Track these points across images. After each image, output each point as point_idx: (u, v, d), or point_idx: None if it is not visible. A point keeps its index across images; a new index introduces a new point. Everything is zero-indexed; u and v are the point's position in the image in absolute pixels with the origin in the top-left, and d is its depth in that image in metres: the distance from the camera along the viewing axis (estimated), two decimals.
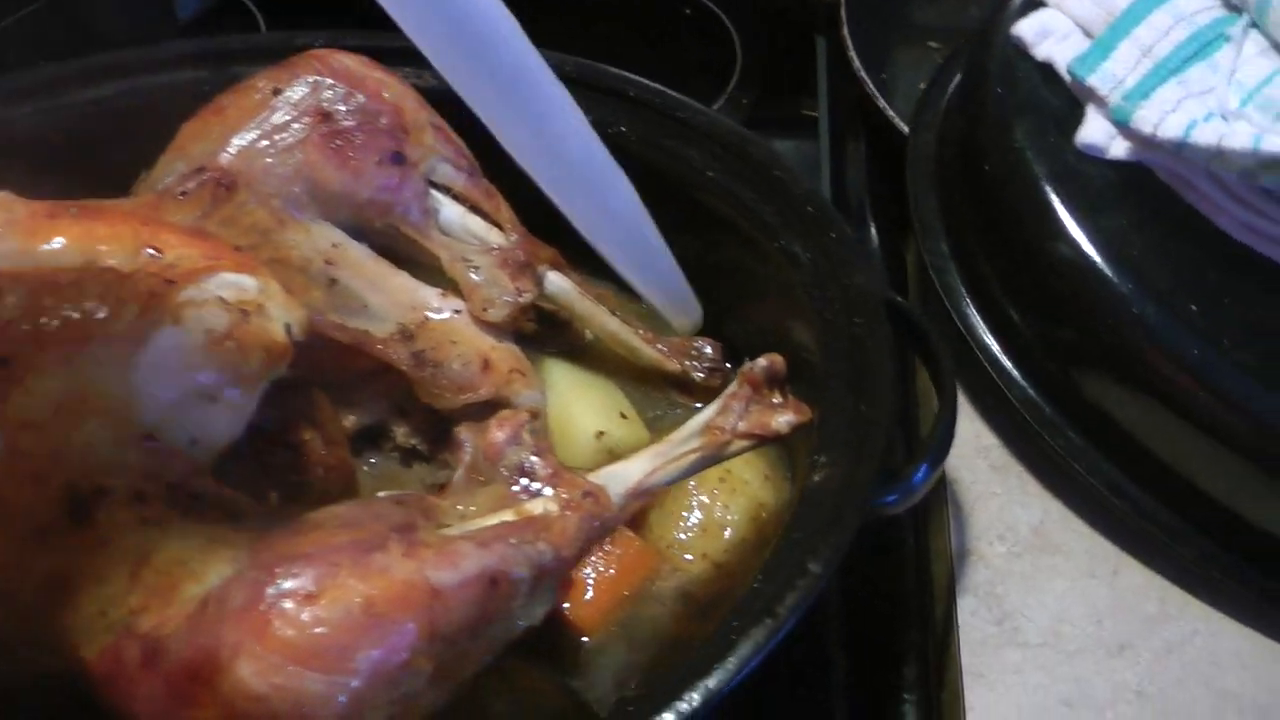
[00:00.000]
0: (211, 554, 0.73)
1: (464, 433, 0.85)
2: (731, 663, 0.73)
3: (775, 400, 0.90)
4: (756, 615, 0.75)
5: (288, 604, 0.68)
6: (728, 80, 1.43)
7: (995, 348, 1.08)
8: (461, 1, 0.88)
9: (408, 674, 0.70)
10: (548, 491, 0.82)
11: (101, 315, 0.81)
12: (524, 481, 0.83)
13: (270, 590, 0.68)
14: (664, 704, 0.71)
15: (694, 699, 0.71)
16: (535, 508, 0.81)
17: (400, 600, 0.69)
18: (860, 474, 0.82)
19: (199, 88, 1.11)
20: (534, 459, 0.83)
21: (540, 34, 1.02)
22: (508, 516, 0.80)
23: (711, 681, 0.72)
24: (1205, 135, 0.95)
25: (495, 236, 1.03)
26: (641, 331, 1.07)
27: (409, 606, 0.69)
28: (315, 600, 0.68)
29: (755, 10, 1.53)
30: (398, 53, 1.08)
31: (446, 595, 0.71)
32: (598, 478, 0.84)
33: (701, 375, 1.07)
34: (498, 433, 0.83)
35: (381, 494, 0.84)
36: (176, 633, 0.69)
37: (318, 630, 0.67)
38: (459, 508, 0.81)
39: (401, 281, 1.00)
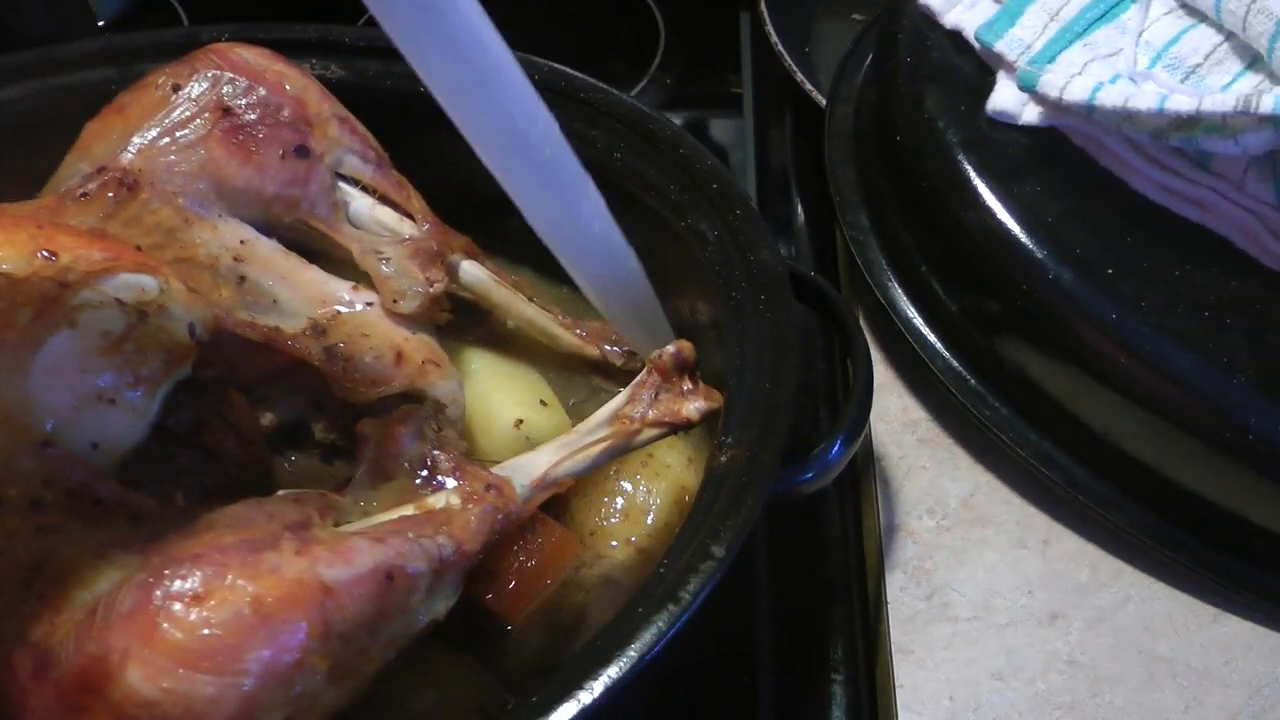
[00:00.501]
0: (104, 559, 0.72)
1: (366, 428, 0.83)
2: (634, 650, 0.71)
3: (686, 387, 0.89)
4: (660, 600, 0.74)
5: (175, 606, 0.67)
6: (651, 59, 1.41)
7: (918, 320, 1.07)
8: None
9: (301, 673, 0.69)
10: (450, 485, 0.81)
11: None
12: (425, 475, 0.81)
13: (158, 593, 0.67)
14: (564, 694, 0.70)
15: (594, 688, 0.70)
16: (437, 501, 0.80)
17: (290, 599, 0.68)
18: (765, 454, 0.81)
19: (106, 87, 1.10)
20: (436, 452, 0.82)
21: None
22: (408, 511, 0.79)
23: (614, 670, 0.71)
24: (1111, 97, 0.94)
25: (407, 227, 1.02)
26: (560, 317, 1.06)
27: (300, 605, 0.68)
28: (203, 601, 0.67)
29: None
30: (304, 45, 1.08)
31: (339, 592, 0.70)
32: (503, 470, 0.83)
33: (621, 360, 1.06)
34: (399, 427, 0.82)
35: (281, 493, 0.83)
36: (65, 640, 0.68)
37: (206, 632, 0.66)
38: (360, 504, 0.80)
39: (312, 276, 0.99)
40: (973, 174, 1.00)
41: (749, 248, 0.92)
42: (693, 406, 0.88)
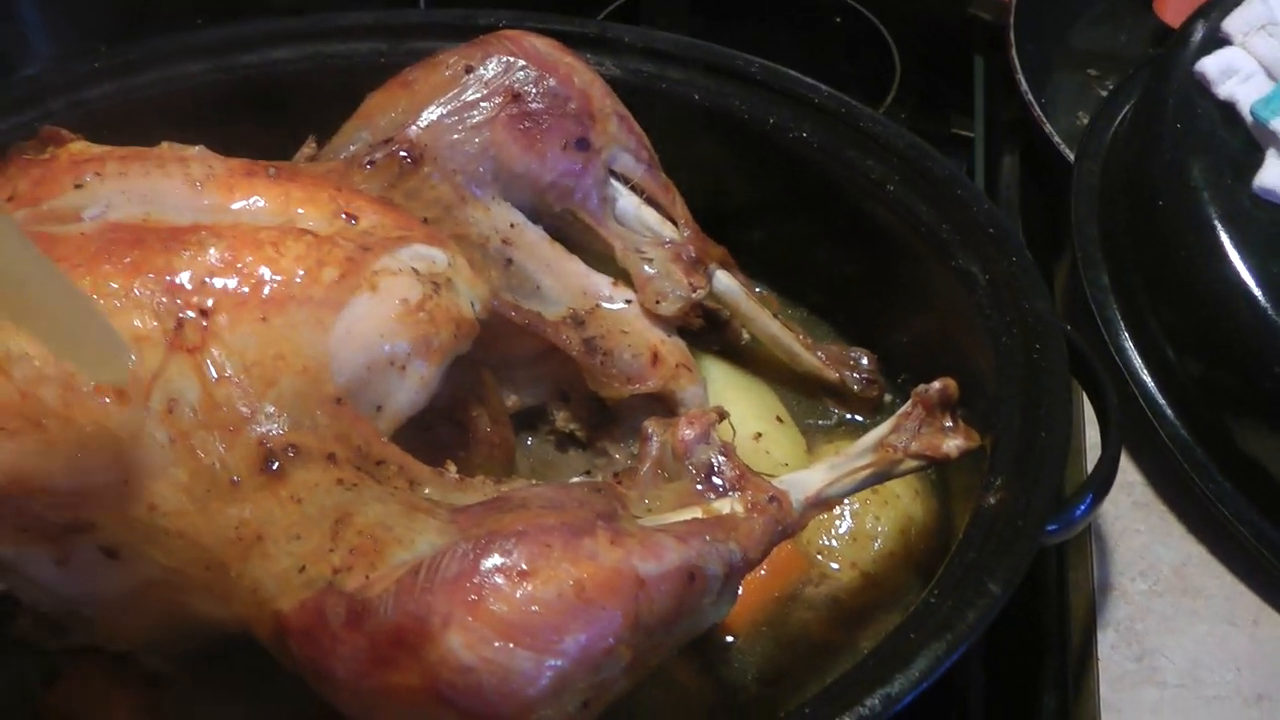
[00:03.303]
0: (417, 522, 0.74)
1: (651, 427, 0.85)
2: (915, 672, 0.74)
3: (946, 424, 0.90)
4: (936, 630, 0.76)
5: (500, 579, 0.69)
6: (885, 95, 1.43)
7: (1150, 384, 1.07)
8: None
9: (610, 660, 0.71)
10: (734, 493, 0.82)
11: (300, 277, 0.82)
12: (711, 480, 0.83)
13: (484, 564, 0.69)
14: (842, 707, 0.72)
15: (874, 705, 0.72)
16: (722, 507, 0.81)
17: (609, 587, 0.70)
18: (1036, 499, 0.83)
19: (375, 59, 1.13)
20: (721, 459, 0.84)
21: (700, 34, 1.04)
22: (697, 514, 0.80)
23: (893, 689, 0.73)
24: None
25: (669, 231, 1.03)
26: (802, 337, 1.08)
27: (616, 594, 0.70)
28: (529, 578, 0.69)
29: (914, 27, 1.53)
30: (583, 39, 1.10)
31: (650, 586, 0.72)
32: (780, 484, 0.84)
33: (859, 386, 1.08)
34: (687, 430, 0.84)
35: (576, 479, 0.85)
36: (384, 596, 0.69)
37: (531, 608, 0.68)
38: (645, 500, 0.82)
39: (575, 267, 1.01)
40: (1230, 247, 1.00)
41: (1023, 295, 0.93)
42: (952, 444, 0.89)
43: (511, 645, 0.68)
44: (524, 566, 0.69)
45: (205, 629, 0.82)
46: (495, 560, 0.69)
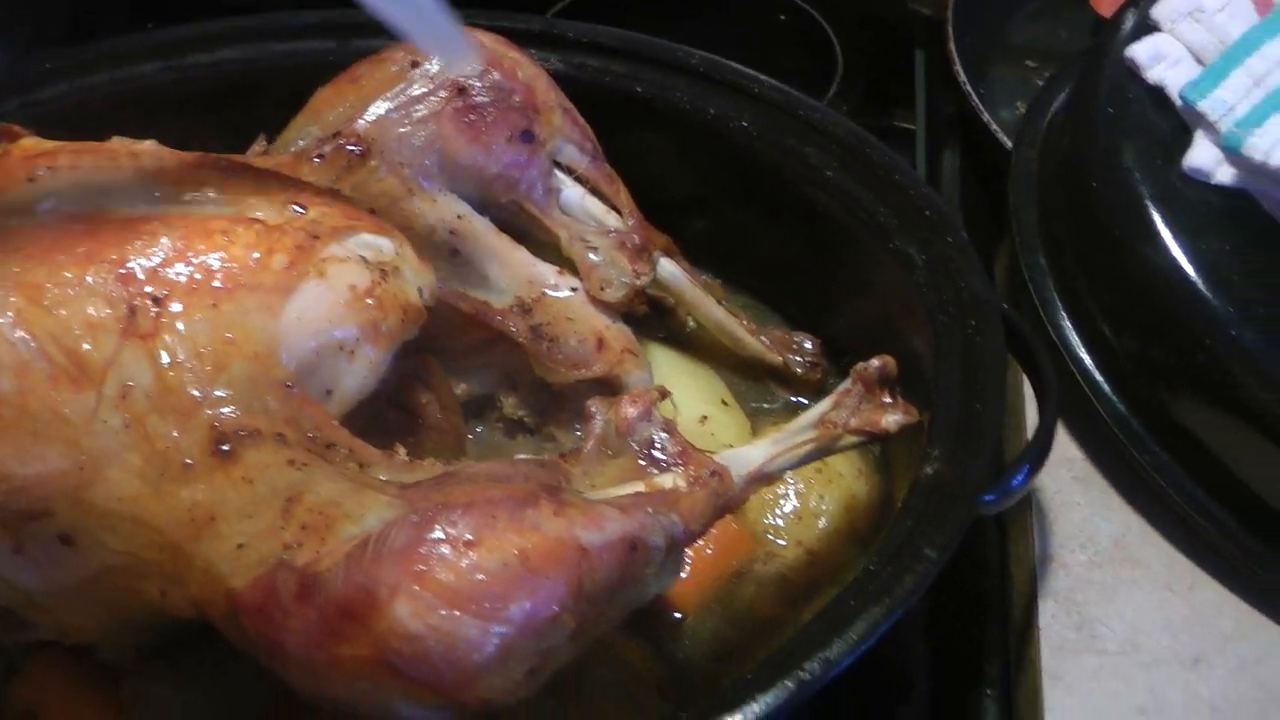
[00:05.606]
0: (366, 498, 0.76)
1: (595, 405, 0.87)
2: (853, 635, 0.75)
3: (885, 400, 0.92)
4: (874, 595, 0.78)
5: (447, 549, 0.70)
6: (827, 89, 1.45)
7: (1088, 361, 1.10)
8: None
9: (554, 627, 0.72)
10: (677, 467, 0.84)
11: (250, 264, 0.84)
12: (654, 455, 0.85)
13: (431, 535, 0.71)
14: (782, 672, 0.74)
15: (813, 669, 0.74)
16: (665, 482, 0.83)
17: (553, 556, 0.72)
18: (973, 469, 0.85)
19: (324, 57, 1.14)
20: (663, 435, 0.85)
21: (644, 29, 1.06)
22: (639, 488, 0.82)
23: (831, 653, 0.75)
24: None
25: (613, 220, 1.05)
26: (745, 323, 1.10)
27: (560, 563, 0.72)
28: (474, 548, 0.71)
29: (856, 22, 1.56)
30: (528, 35, 1.12)
31: (593, 555, 0.74)
32: (722, 459, 0.87)
33: (802, 369, 1.10)
34: (630, 408, 0.86)
35: (520, 456, 0.87)
36: (334, 569, 0.71)
37: (476, 577, 0.70)
38: (588, 477, 0.84)
39: (521, 256, 1.03)
40: (1162, 226, 1.03)
41: (959, 274, 0.96)
42: (892, 419, 0.92)
43: (458, 613, 0.69)
44: (469, 537, 0.71)
45: (163, 617, 0.83)
46: (441, 531, 0.71)
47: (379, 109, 1.01)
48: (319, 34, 1.17)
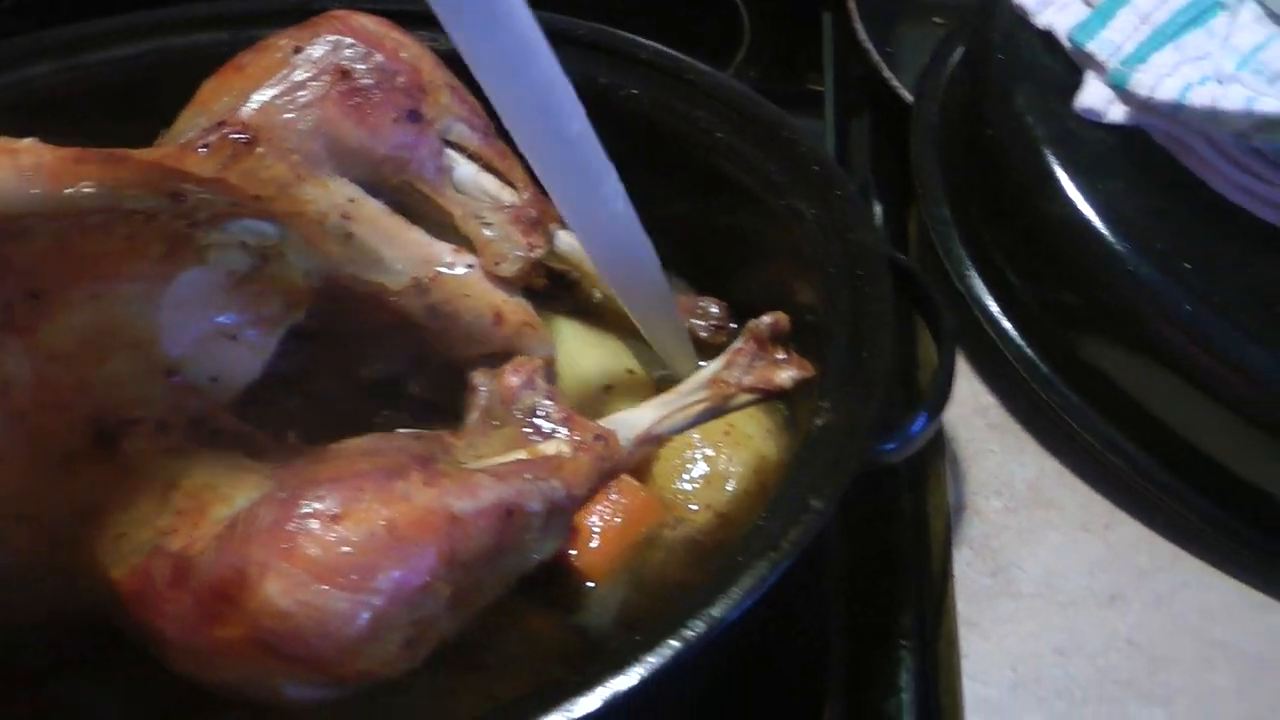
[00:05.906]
0: (239, 479, 0.76)
1: (478, 377, 0.87)
2: (735, 592, 0.75)
3: (779, 356, 0.93)
4: (760, 550, 0.78)
5: (314, 524, 0.70)
6: (734, 56, 1.45)
7: (994, 309, 1.10)
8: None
9: (427, 596, 0.72)
10: (560, 433, 0.84)
11: (129, 254, 0.83)
12: (537, 423, 0.85)
13: (297, 511, 0.70)
14: (669, 631, 0.73)
15: (698, 626, 0.74)
16: (548, 448, 0.83)
17: (421, 525, 0.72)
18: (862, 419, 0.85)
19: (218, 49, 1.13)
20: (547, 402, 0.85)
21: (539, 3, 1.05)
22: (521, 455, 0.82)
23: (716, 610, 0.74)
24: (1200, 98, 0.98)
25: (508, 194, 1.05)
26: None
27: (429, 531, 0.72)
28: (340, 521, 0.70)
29: None
30: (414, 17, 1.11)
31: (465, 522, 0.73)
32: (608, 423, 0.87)
33: (707, 333, 1.10)
34: (512, 377, 0.86)
35: (401, 430, 0.87)
36: (205, 552, 0.71)
37: (343, 549, 0.70)
38: (473, 448, 0.84)
39: (416, 236, 1.02)
40: (1058, 168, 1.03)
41: (847, 227, 0.96)
42: (786, 375, 0.92)
43: (326, 587, 0.69)
44: (336, 510, 0.70)
45: (70, 616, 0.83)
46: (309, 506, 0.71)
47: (263, 96, 1.00)
48: (212, 27, 1.17)
